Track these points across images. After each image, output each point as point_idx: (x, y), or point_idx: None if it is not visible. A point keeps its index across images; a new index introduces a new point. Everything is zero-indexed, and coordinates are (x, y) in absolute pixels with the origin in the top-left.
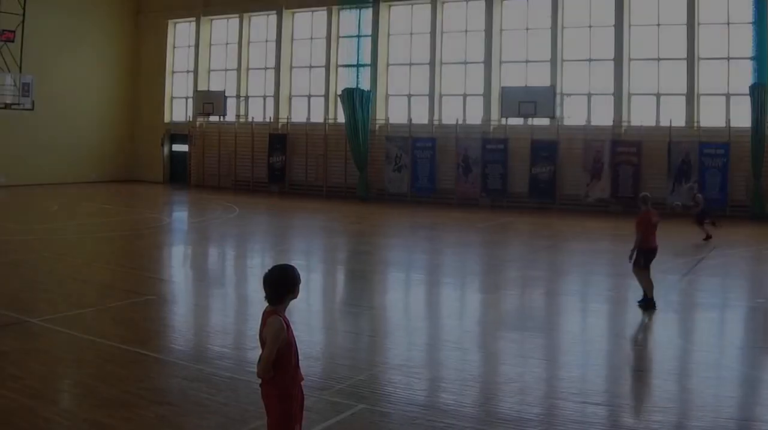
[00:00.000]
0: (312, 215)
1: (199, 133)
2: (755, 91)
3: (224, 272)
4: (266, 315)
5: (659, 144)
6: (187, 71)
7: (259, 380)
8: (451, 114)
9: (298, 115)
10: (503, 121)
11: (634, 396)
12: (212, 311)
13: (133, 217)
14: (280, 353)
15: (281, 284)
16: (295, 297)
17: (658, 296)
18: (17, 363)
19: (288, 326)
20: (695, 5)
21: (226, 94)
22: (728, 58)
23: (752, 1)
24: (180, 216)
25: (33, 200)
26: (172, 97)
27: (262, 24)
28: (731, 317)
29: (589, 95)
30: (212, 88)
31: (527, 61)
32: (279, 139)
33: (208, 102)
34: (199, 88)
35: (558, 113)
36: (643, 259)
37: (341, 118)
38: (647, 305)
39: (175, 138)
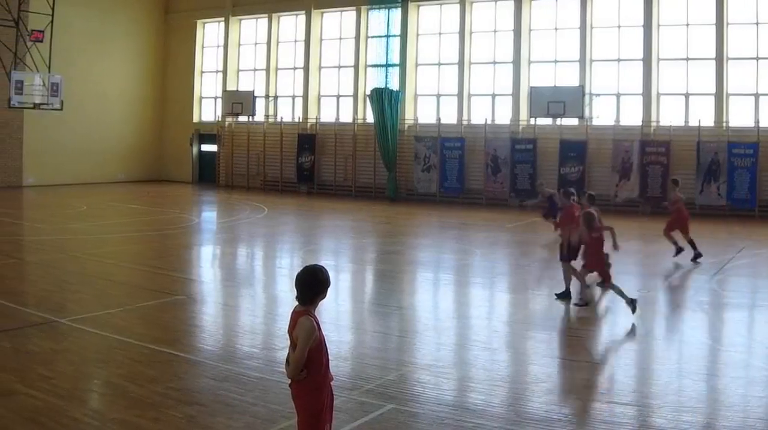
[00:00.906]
0: (341, 214)
1: (227, 133)
2: None
3: (253, 271)
4: (297, 315)
5: (688, 144)
6: (216, 71)
7: (289, 381)
8: (479, 114)
9: (327, 116)
10: (532, 121)
11: (663, 396)
12: (241, 311)
13: (162, 217)
14: (311, 353)
15: (313, 285)
16: (324, 298)
17: (688, 296)
18: (46, 363)
19: (318, 326)
20: (724, 5)
21: (255, 95)
22: (757, 58)
23: None
24: (209, 216)
25: (61, 200)
26: (200, 97)
27: (291, 24)
28: (760, 317)
29: (618, 95)
30: (241, 88)
31: (556, 61)
32: (308, 140)
33: (236, 102)
34: (227, 88)
35: (587, 113)
36: (568, 250)
37: (370, 118)
38: (565, 296)
39: (203, 138)
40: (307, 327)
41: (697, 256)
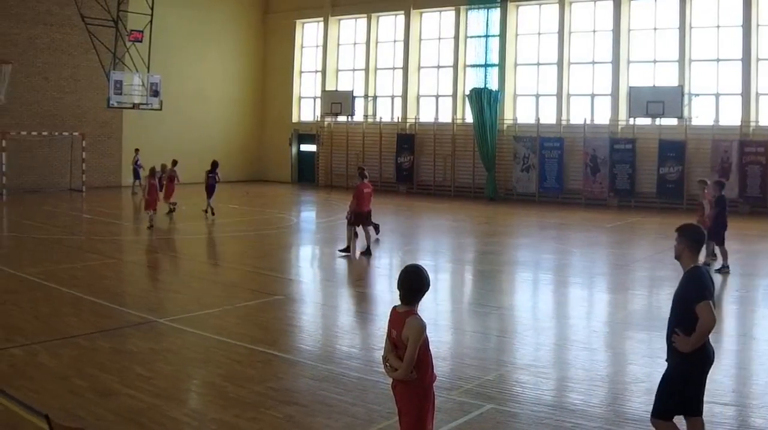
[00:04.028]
0: (439, 214)
1: (326, 133)
2: None
3: (351, 271)
4: (403, 315)
5: None
6: (315, 71)
7: (391, 381)
8: (578, 114)
9: (426, 115)
10: (631, 121)
11: (763, 396)
12: (340, 311)
13: (261, 217)
14: (419, 353)
15: (419, 284)
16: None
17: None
18: (145, 363)
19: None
20: None
21: (354, 94)
22: None
23: None
24: (307, 216)
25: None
26: (299, 97)
27: (390, 24)
28: None
29: (717, 95)
30: (340, 88)
31: (655, 61)
32: (407, 139)
33: (335, 102)
34: (326, 88)
35: (686, 113)
36: (354, 217)
37: (469, 118)
38: (346, 250)
39: (302, 138)
40: (418, 327)
41: (725, 266)
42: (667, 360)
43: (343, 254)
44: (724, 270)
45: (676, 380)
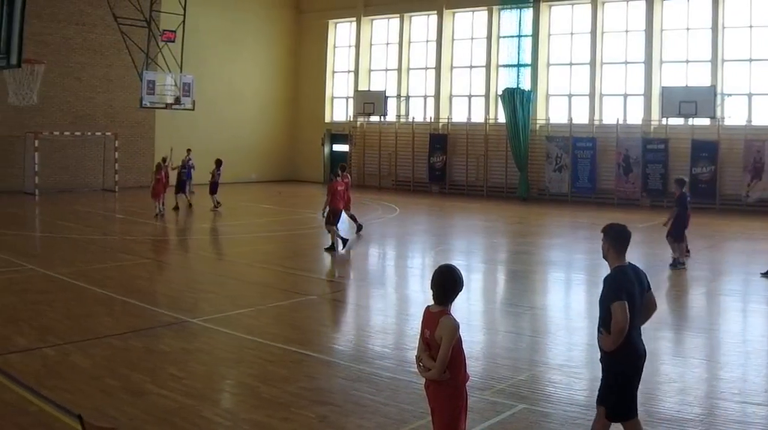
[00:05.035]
0: (472, 214)
1: (359, 133)
2: None
3: (384, 271)
4: (437, 315)
5: None
6: (348, 71)
7: (424, 381)
8: (611, 114)
9: (459, 115)
10: (663, 121)
11: None
12: (373, 311)
13: (294, 217)
14: (453, 352)
15: (453, 284)
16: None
17: None
18: (178, 363)
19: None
20: None
21: (387, 94)
22: None
23: None
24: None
25: (193, 200)
26: (332, 97)
27: (423, 24)
28: None
29: (750, 95)
30: (373, 88)
31: (687, 61)
32: (439, 139)
33: (368, 102)
34: (359, 88)
35: (718, 113)
36: (332, 216)
37: (502, 118)
38: (331, 248)
39: (335, 138)
40: (451, 326)
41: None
42: (600, 360)
43: (330, 251)
44: (678, 266)
45: (612, 378)
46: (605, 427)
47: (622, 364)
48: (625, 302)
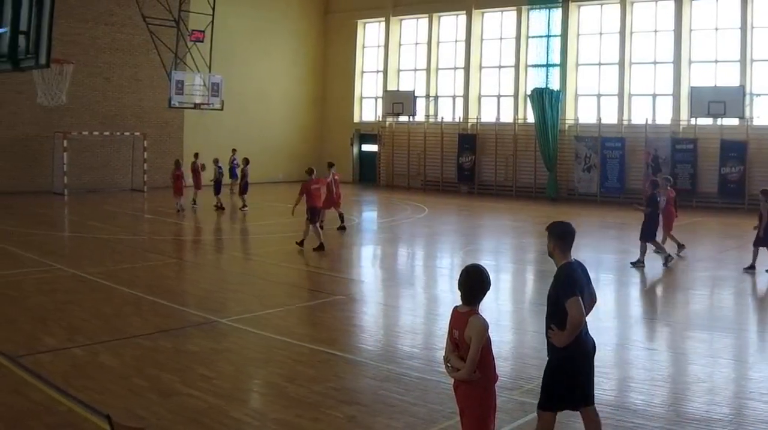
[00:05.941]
0: (501, 214)
1: (388, 133)
2: None
3: (413, 271)
4: (465, 315)
5: None
6: (377, 71)
7: (452, 381)
8: (640, 114)
9: (488, 115)
10: (692, 121)
11: None
12: (401, 311)
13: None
14: (482, 352)
15: (481, 284)
16: None
17: None
18: (207, 363)
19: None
20: None
21: (416, 94)
22: None
23: None
24: (369, 216)
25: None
26: (361, 97)
27: (452, 24)
28: None
29: None
30: (401, 88)
31: (716, 61)
32: (468, 139)
33: (397, 102)
34: (388, 88)
35: (747, 113)
36: (310, 214)
37: (530, 118)
38: (320, 248)
39: (364, 138)
40: (480, 326)
41: (640, 262)
42: (548, 355)
43: (319, 250)
44: (638, 265)
45: (557, 373)
46: (549, 423)
47: (573, 357)
48: (579, 298)
